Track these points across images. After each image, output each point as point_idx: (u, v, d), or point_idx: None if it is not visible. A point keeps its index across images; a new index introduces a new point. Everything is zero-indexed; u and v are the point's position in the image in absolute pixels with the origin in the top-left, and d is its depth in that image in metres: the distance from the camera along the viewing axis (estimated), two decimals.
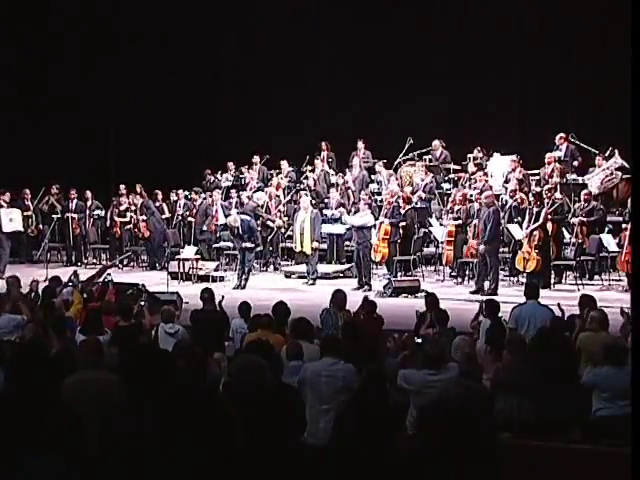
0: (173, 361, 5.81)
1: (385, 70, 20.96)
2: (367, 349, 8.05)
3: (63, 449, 4.13)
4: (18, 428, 4.31)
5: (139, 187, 19.51)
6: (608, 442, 6.74)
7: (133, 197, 19.48)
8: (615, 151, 16.42)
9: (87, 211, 19.70)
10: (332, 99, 21.19)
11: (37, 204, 19.63)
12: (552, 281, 15.04)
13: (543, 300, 10.61)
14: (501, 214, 15.29)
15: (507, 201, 16.08)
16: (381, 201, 17.09)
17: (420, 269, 16.57)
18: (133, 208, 19.18)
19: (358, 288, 15.31)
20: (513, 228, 15.24)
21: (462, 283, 15.81)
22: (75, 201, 19.65)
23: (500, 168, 17.62)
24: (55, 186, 19.87)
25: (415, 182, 18.01)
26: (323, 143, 19.72)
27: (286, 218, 18.23)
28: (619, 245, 14.61)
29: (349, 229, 17.00)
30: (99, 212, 19.67)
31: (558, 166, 16.78)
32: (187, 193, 19.19)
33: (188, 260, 16.90)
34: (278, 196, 18.33)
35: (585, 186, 16.45)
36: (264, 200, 17.97)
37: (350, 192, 18.30)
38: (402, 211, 16.29)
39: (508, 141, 18.22)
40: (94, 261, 19.83)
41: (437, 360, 6.99)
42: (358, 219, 15.93)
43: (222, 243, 18.17)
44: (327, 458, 5.93)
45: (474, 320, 9.92)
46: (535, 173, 17.15)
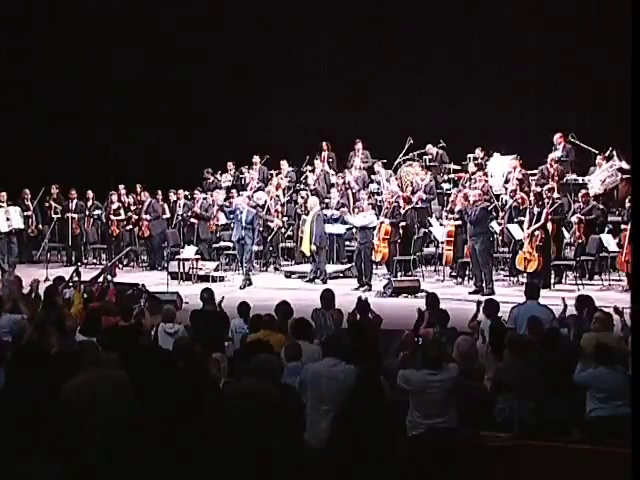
0: (173, 361, 5.82)
1: (385, 70, 20.94)
2: (365, 349, 8.06)
3: (63, 449, 4.13)
4: (18, 428, 4.32)
5: (139, 187, 19.57)
6: (603, 442, 6.75)
7: (134, 197, 19.52)
8: (614, 152, 16.42)
9: (87, 211, 19.70)
10: (332, 99, 21.18)
11: (37, 204, 19.61)
12: (552, 281, 15.04)
13: (543, 300, 10.62)
14: (492, 212, 15.30)
15: (507, 201, 16.07)
16: (381, 201, 17.09)
17: (420, 269, 16.57)
18: (133, 208, 19.20)
19: (358, 288, 15.32)
20: (513, 228, 15.24)
21: (462, 283, 15.81)
22: (75, 201, 19.66)
23: (500, 168, 17.62)
24: (54, 186, 19.85)
25: (415, 182, 18.01)
26: (324, 143, 19.72)
27: (286, 218, 18.23)
28: (619, 245, 14.61)
29: (349, 229, 17.00)
30: (99, 212, 19.67)
31: (557, 167, 16.78)
32: (187, 193, 19.18)
33: (188, 260, 16.90)
34: (278, 196, 18.32)
35: (584, 186, 16.46)
36: (264, 200, 17.98)
37: (350, 192, 18.29)
38: (402, 211, 16.30)
39: (508, 141, 18.22)
40: (94, 261, 19.84)
41: (436, 360, 6.98)
42: (361, 219, 15.92)
43: (222, 243, 18.16)
44: (326, 458, 5.94)
45: (472, 320, 9.92)
46: (535, 173, 17.15)
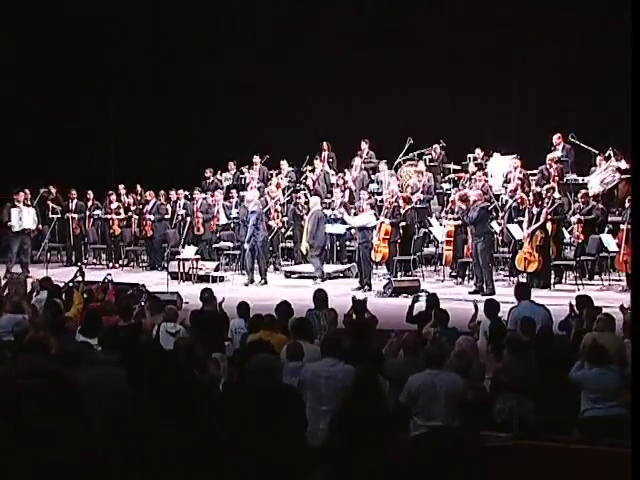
0: (173, 361, 5.82)
1: (385, 70, 20.97)
2: (365, 349, 8.07)
3: (63, 449, 4.13)
4: (18, 428, 4.31)
5: (140, 187, 19.59)
6: (597, 442, 6.76)
7: (133, 197, 19.53)
8: (611, 153, 16.43)
9: (87, 211, 19.71)
10: (332, 99, 21.20)
11: (37, 204, 19.60)
12: (552, 281, 15.05)
13: (543, 300, 10.62)
14: (492, 212, 15.32)
15: (507, 201, 16.08)
16: (381, 201, 17.10)
17: (420, 269, 16.58)
18: (133, 208, 19.20)
19: (359, 288, 15.33)
20: (513, 228, 15.24)
21: (462, 283, 15.81)
22: (75, 201, 19.66)
23: (500, 168, 17.63)
24: (52, 186, 19.82)
25: (413, 183, 18.01)
26: (324, 143, 19.72)
27: (285, 218, 18.23)
28: (619, 245, 14.62)
29: (349, 229, 17.01)
30: (99, 212, 19.67)
31: (555, 167, 16.79)
32: (187, 193, 19.19)
33: (188, 260, 16.90)
34: (277, 196, 18.33)
35: (584, 186, 16.47)
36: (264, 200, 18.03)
37: (348, 192, 18.27)
38: (402, 211, 16.30)
39: (508, 141, 18.22)
40: (94, 261, 19.86)
41: (439, 359, 7.02)
42: (359, 219, 15.93)
43: (222, 243, 18.17)
44: (325, 458, 5.94)
45: (472, 321, 9.92)
46: (535, 173, 17.16)
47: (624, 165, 15.84)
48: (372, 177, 19.07)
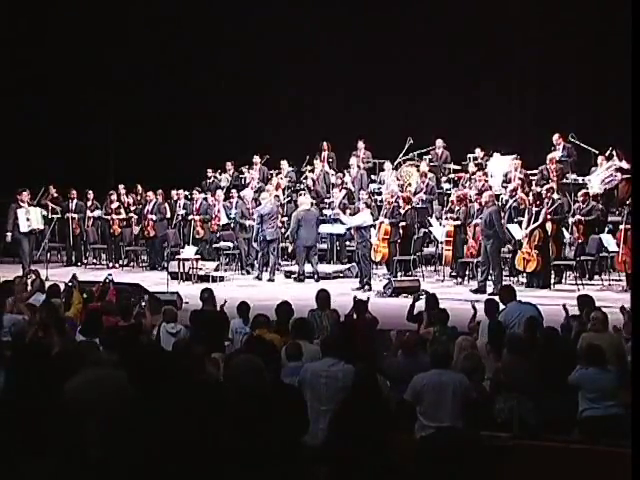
0: (173, 361, 5.82)
1: (385, 70, 20.95)
2: (360, 349, 8.07)
3: (63, 449, 4.13)
4: (18, 428, 4.32)
5: (140, 187, 19.59)
6: (596, 442, 6.77)
7: (133, 197, 19.53)
8: (614, 152, 16.43)
9: (87, 211, 19.70)
10: (332, 99, 21.19)
11: (36, 204, 19.59)
12: (552, 281, 15.04)
13: (543, 300, 10.62)
14: (501, 213, 15.31)
15: (507, 201, 16.07)
16: (381, 201, 17.10)
17: (420, 269, 16.57)
18: (133, 207, 19.20)
19: (360, 288, 15.33)
20: (513, 228, 15.24)
21: (462, 283, 15.81)
22: (75, 201, 19.65)
23: (500, 168, 17.62)
24: (51, 186, 19.81)
25: (415, 182, 18.01)
26: (324, 143, 19.72)
27: (285, 218, 18.23)
28: (618, 245, 14.62)
29: (349, 229, 17.01)
30: (99, 212, 19.67)
31: (555, 166, 16.78)
32: (187, 193, 19.18)
33: (188, 260, 16.90)
34: (278, 196, 18.32)
35: (584, 186, 16.46)
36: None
37: (346, 192, 18.27)
38: (402, 211, 16.30)
39: (508, 141, 18.22)
40: (94, 261, 19.86)
41: (445, 359, 7.04)
42: (355, 219, 15.93)
43: (222, 243, 18.16)
44: (324, 458, 5.94)
45: (471, 322, 9.90)
46: (535, 173, 17.16)
47: (626, 165, 15.83)
48: (373, 177, 19.07)
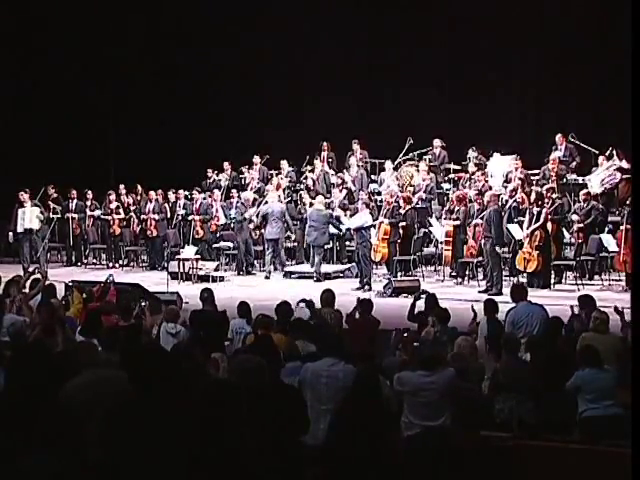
0: (174, 361, 5.81)
1: (385, 70, 20.96)
2: (363, 349, 8.06)
3: (63, 449, 4.13)
4: (18, 428, 4.32)
5: (140, 187, 19.60)
6: (597, 442, 6.76)
7: (133, 197, 19.53)
8: (614, 152, 16.43)
9: (87, 211, 19.71)
10: (332, 99, 21.20)
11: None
12: (552, 281, 15.05)
13: (543, 300, 10.61)
14: (501, 214, 15.32)
15: (507, 201, 16.07)
16: (381, 201, 17.10)
17: (420, 269, 16.58)
18: (132, 207, 19.20)
19: (360, 288, 15.33)
20: (513, 228, 15.24)
21: (462, 283, 15.81)
22: (75, 201, 19.67)
23: (500, 168, 17.62)
24: (51, 186, 19.82)
25: (415, 182, 18.01)
26: (324, 143, 19.72)
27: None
28: (619, 245, 14.62)
29: (349, 229, 17.02)
30: (98, 212, 19.68)
31: (556, 167, 16.78)
32: (187, 193, 19.19)
33: (188, 260, 16.90)
34: (278, 196, 18.33)
35: (585, 186, 16.46)
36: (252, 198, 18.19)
37: (346, 192, 18.28)
38: (402, 211, 16.30)
39: (508, 141, 18.21)
40: (94, 261, 19.86)
41: (432, 361, 6.94)
42: (355, 221, 15.91)
43: (222, 243, 18.17)
44: (324, 458, 5.94)
45: (471, 323, 9.91)
46: (535, 173, 17.16)
47: (626, 165, 15.82)
48: (373, 177, 19.07)
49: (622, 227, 14.60)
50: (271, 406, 5.35)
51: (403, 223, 16.21)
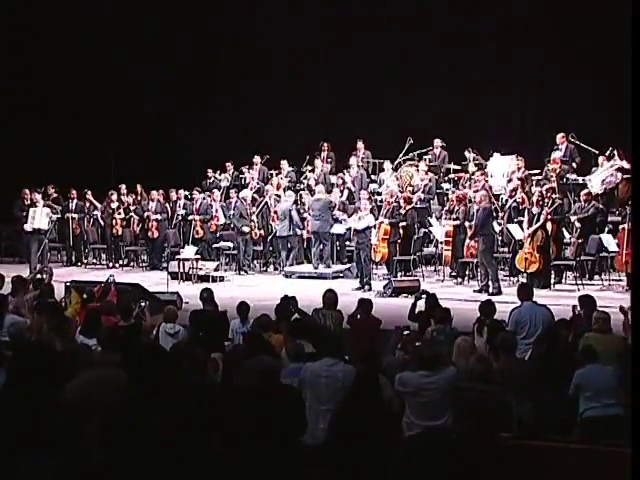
0: (174, 361, 5.81)
1: (385, 70, 20.96)
2: (365, 349, 8.06)
3: (63, 449, 4.13)
4: (18, 428, 4.32)
5: (140, 187, 19.61)
6: (598, 442, 6.76)
7: (133, 197, 19.52)
8: (614, 152, 16.43)
9: (87, 211, 19.71)
10: (332, 99, 21.19)
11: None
12: (552, 281, 15.05)
13: (543, 300, 10.60)
14: (494, 213, 15.32)
15: (507, 201, 16.08)
16: (381, 201, 17.10)
17: (420, 269, 16.58)
18: (133, 208, 19.20)
19: (360, 288, 15.32)
20: (513, 228, 15.24)
21: (462, 283, 15.81)
22: (75, 201, 19.66)
23: (500, 168, 17.62)
24: (51, 186, 19.80)
25: (415, 182, 18.00)
26: (324, 143, 19.72)
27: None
28: (619, 245, 14.62)
29: (349, 229, 17.01)
30: (98, 212, 19.67)
31: (556, 167, 16.78)
32: (187, 193, 19.19)
33: (188, 260, 16.90)
34: (278, 196, 18.34)
35: (585, 186, 16.46)
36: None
37: (347, 192, 18.27)
38: (402, 211, 16.30)
39: (508, 141, 18.21)
40: (94, 261, 19.86)
41: (432, 361, 6.93)
42: (361, 222, 15.83)
43: (222, 243, 18.16)
44: (324, 458, 5.94)
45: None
46: (536, 173, 17.16)
47: (627, 165, 15.82)
48: (373, 177, 19.06)
49: (622, 227, 14.59)
50: (271, 406, 5.36)
51: (403, 223, 16.21)
